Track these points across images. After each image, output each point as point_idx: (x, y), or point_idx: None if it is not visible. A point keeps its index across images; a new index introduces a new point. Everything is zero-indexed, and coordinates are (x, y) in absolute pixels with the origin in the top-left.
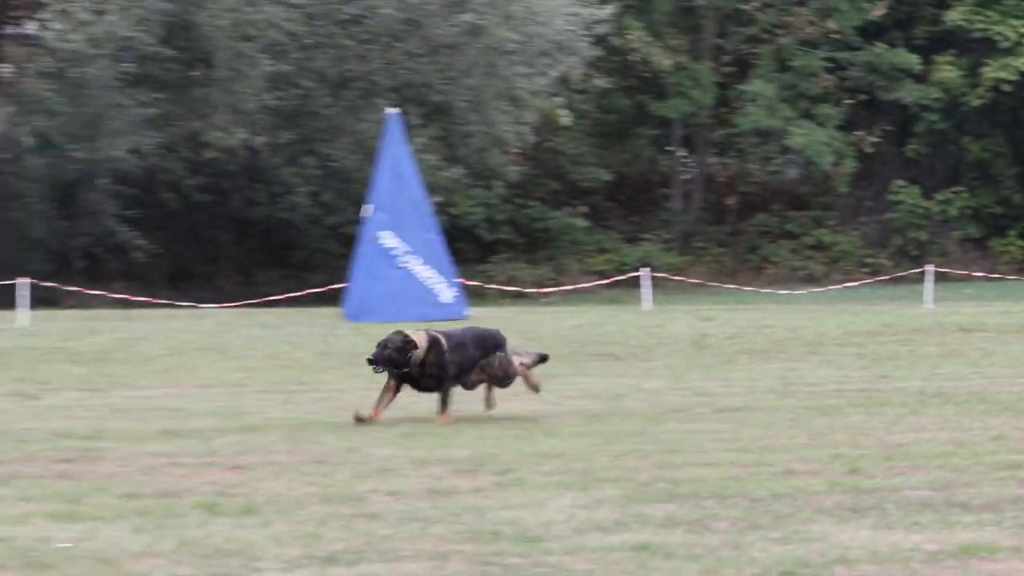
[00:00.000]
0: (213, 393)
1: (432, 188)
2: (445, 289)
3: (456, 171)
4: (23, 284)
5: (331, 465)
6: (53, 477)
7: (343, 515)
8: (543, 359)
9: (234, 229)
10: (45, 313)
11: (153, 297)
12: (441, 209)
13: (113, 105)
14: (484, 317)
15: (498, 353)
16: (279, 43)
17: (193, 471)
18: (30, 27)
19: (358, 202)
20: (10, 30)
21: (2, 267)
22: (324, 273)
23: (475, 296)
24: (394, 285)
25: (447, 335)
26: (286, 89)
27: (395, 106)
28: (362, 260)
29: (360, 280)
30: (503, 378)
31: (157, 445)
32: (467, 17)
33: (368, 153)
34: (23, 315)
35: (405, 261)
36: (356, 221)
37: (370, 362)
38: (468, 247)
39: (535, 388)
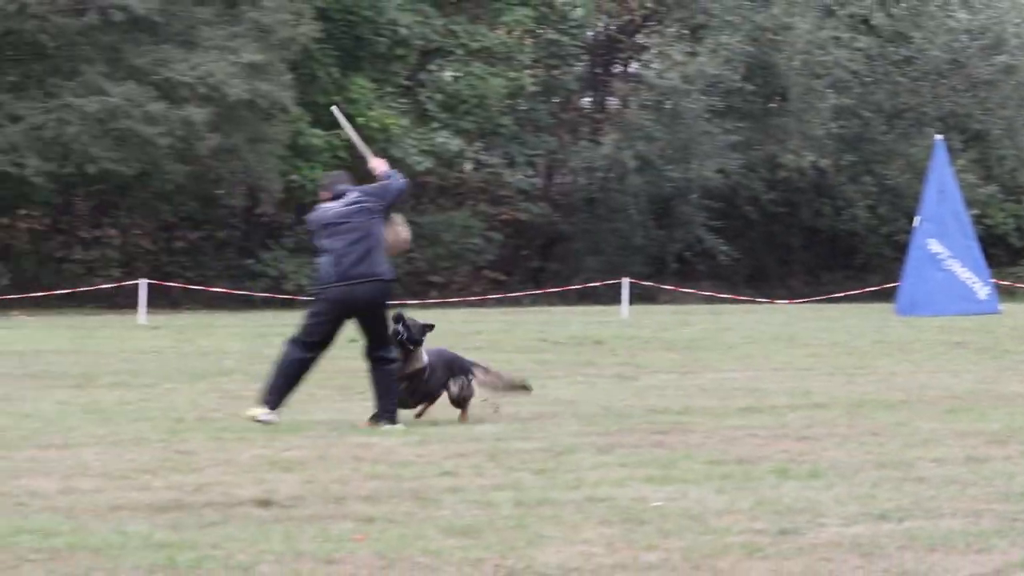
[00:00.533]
0: (785, 375)
1: (970, 202)
2: (981, 288)
3: (991, 188)
4: (625, 283)
5: (884, 436)
6: (649, 446)
7: (894, 479)
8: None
9: (803, 236)
10: (643, 308)
11: (735, 294)
12: (978, 220)
13: (703, 132)
14: (1013, 312)
15: (460, 377)
16: (843, 80)
17: (767, 441)
18: (634, 67)
19: (909, 215)
20: (618, 69)
21: (609, 269)
22: (880, 274)
23: (1005, 294)
24: (938, 284)
25: (430, 352)
26: (848, 119)
27: (941, 133)
28: (912, 263)
29: (910, 280)
30: (457, 399)
31: (737, 419)
32: (1003, 58)
33: (917, 173)
34: (624, 309)
35: (948, 264)
36: (907, 230)
37: (396, 334)
38: (1000, 252)
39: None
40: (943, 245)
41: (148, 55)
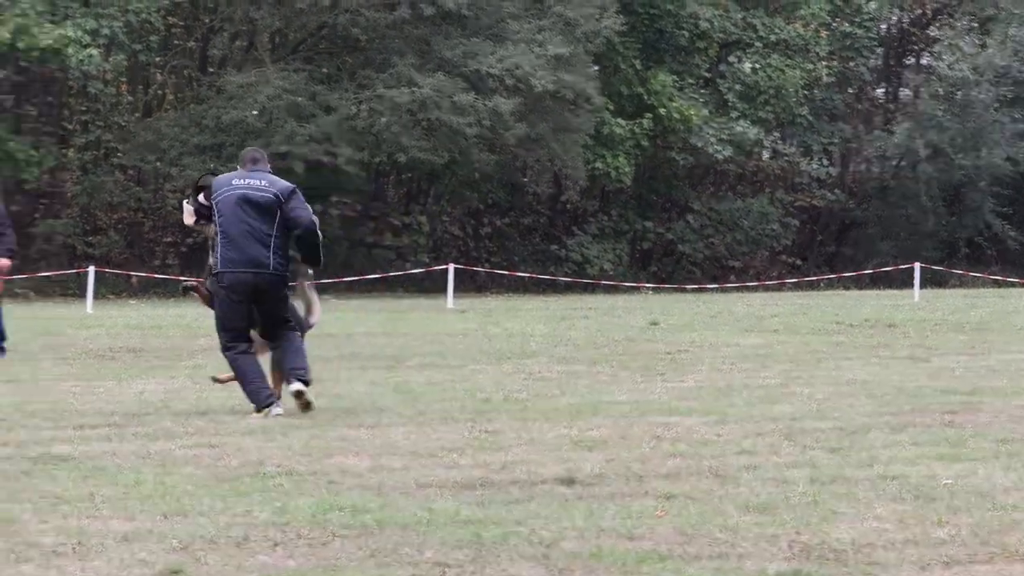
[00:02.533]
0: None
1: None
2: None
3: None
4: (916, 268)
5: None
6: (940, 426)
7: None
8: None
9: None
10: (934, 291)
11: (1023, 279)
12: None
13: (992, 122)
14: None
15: None
16: None
17: None
18: (925, 58)
19: None
20: (910, 61)
21: (901, 253)
22: None
23: None
24: None
25: None
26: None
27: None
28: None
29: None
30: None
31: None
32: None
33: None
34: (916, 292)
35: None
36: None
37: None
38: None
39: None
40: None
41: (457, 48)
